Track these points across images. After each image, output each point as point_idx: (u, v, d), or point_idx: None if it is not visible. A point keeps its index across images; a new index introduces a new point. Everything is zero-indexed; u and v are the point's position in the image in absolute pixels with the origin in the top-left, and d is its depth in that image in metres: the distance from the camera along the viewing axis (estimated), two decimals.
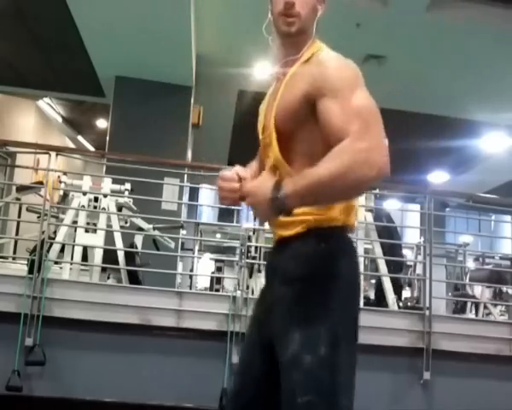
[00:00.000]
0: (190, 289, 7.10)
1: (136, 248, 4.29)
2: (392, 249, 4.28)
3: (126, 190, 4.15)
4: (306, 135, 1.40)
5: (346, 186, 1.23)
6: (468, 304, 6.03)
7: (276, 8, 1.46)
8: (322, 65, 1.38)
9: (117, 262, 3.92)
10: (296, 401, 1.28)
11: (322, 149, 1.30)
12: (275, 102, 1.46)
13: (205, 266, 13.47)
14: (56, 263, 4.00)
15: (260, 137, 1.55)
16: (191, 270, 8.69)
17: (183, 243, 7.74)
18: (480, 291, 6.01)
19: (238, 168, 1.49)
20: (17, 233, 5.77)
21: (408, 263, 6.56)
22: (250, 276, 4.66)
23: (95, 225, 3.97)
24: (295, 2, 1.43)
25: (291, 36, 1.46)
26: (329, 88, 1.33)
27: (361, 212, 4.01)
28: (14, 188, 5.00)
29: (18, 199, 4.85)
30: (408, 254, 7.26)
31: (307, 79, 1.38)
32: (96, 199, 3.98)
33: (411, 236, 10.63)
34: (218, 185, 1.46)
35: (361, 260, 4.11)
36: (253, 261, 4.65)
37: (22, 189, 4.84)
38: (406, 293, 7.18)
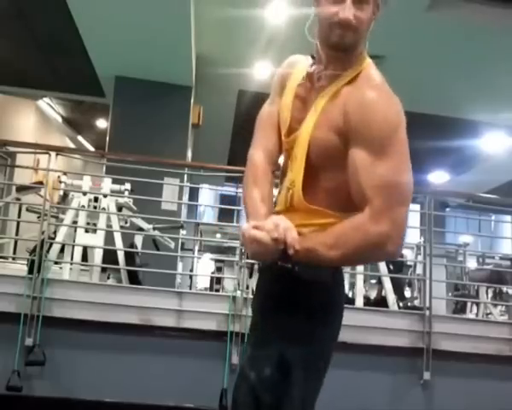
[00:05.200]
0: (190, 289, 7.07)
1: (136, 248, 4.29)
2: None
3: (126, 190, 4.15)
4: (334, 173, 1.30)
5: (353, 260, 1.43)
6: (468, 304, 6.02)
7: (327, 16, 1.29)
8: (365, 104, 1.24)
9: (117, 262, 3.92)
10: None
11: (344, 193, 1.26)
12: (312, 118, 1.32)
13: (205, 266, 13.46)
14: (56, 263, 4.00)
15: (284, 138, 1.42)
16: (191, 270, 8.67)
17: (183, 243, 7.72)
18: (480, 290, 6.00)
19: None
20: (17, 233, 5.75)
21: (408, 263, 6.55)
22: (250, 276, 4.65)
23: (95, 225, 3.96)
24: (352, 20, 1.27)
25: (341, 50, 1.31)
26: (367, 136, 1.22)
27: None
28: (14, 188, 4.99)
29: (18, 199, 4.85)
30: (408, 255, 7.24)
31: (346, 111, 1.25)
32: (95, 199, 3.98)
33: (411, 236, 10.62)
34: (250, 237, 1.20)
35: None
36: (252, 261, 4.64)
37: (22, 189, 4.84)
38: (406, 293, 7.15)
